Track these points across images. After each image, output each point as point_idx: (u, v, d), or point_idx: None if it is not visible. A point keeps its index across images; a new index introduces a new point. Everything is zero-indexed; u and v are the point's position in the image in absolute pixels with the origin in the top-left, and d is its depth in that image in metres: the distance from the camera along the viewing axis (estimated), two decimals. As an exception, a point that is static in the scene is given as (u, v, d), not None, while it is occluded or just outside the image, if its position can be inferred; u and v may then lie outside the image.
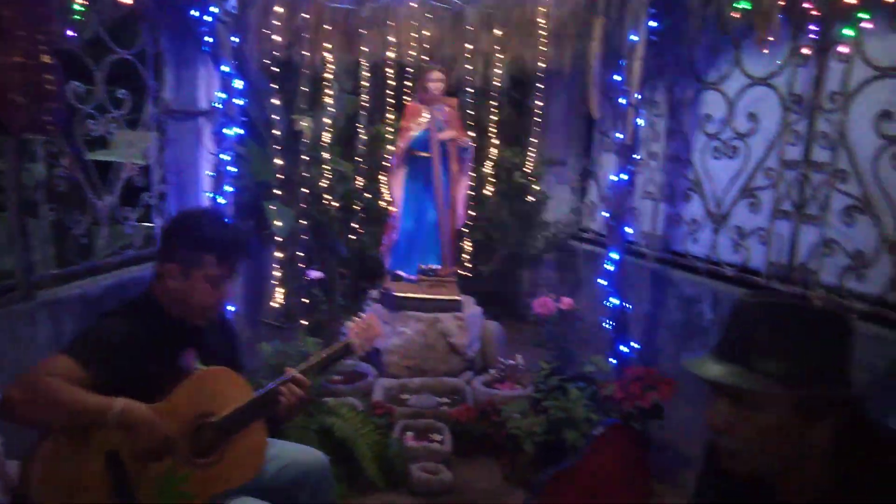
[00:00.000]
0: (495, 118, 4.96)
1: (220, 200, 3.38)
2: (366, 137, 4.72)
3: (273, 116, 4.10)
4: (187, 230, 1.73)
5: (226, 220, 1.89)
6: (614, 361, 3.80)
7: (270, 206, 4.02)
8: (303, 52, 4.01)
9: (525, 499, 2.30)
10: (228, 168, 3.39)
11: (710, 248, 4.03)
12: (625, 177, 3.64)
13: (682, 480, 3.06)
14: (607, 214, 3.96)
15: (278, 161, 4.03)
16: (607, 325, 3.97)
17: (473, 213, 4.70)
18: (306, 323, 4.03)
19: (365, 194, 4.64)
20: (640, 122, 3.77)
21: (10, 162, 2.67)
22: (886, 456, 1.02)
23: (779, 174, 3.53)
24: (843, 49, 3.14)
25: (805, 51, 3.34)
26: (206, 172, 3.62)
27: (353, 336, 1.96)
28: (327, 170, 4.38)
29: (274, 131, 4.11)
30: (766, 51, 3.45)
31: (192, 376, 1.64)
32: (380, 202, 4.46)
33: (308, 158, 4.28)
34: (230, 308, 3.32)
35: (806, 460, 1.04)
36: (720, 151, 3.96)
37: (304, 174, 4.26)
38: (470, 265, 4.59)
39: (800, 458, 1.04)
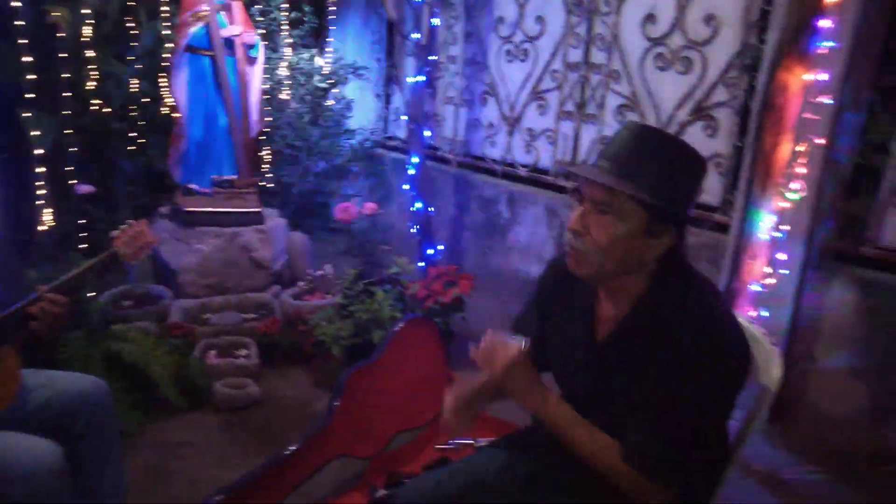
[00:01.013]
0: (285, 16, 4.60)
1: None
2: (137, 33, 4.15)
3: (14, 3, 3.42)
4: None
5: None
6: (422, 263, 3.92)
7: (25, 114, 3.45)
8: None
9: (329, 399, 2.31)
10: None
11: (505, 151, 4.22)
12: (422, 78, 3.62)
13: (483, 366, 3.29)
14: (407, 118, 3.96)
15: (27, 58, 3.41)
16: (413, 230, 4.06)
17: (270, 119, 4.43)
18: (78, 244, 3.60)
19: (144, 99, 4.14)
20: (436, 21, 3.74)
21: None
22: (686, 282, 1.22)
23: (563, 76, 3.74)
24: (615, -47, 3.32)
25: (584, -47, 3.49)
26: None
27: (119, 245, 1.78)
28: (94, 71, 3.82)
29: (17, 22, 3.44)
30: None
31: None
32: (162, 108, 4.01)
33: (68, 57, 3.68)
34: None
35: (634, 274, 1.22)
36: (513, 55, 4.09)
37: (64, 75, 3.67)
38: (272, 175, 4.36)
39: (631, 270, 1.21)
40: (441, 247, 4.06)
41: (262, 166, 4.23)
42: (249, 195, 3.72)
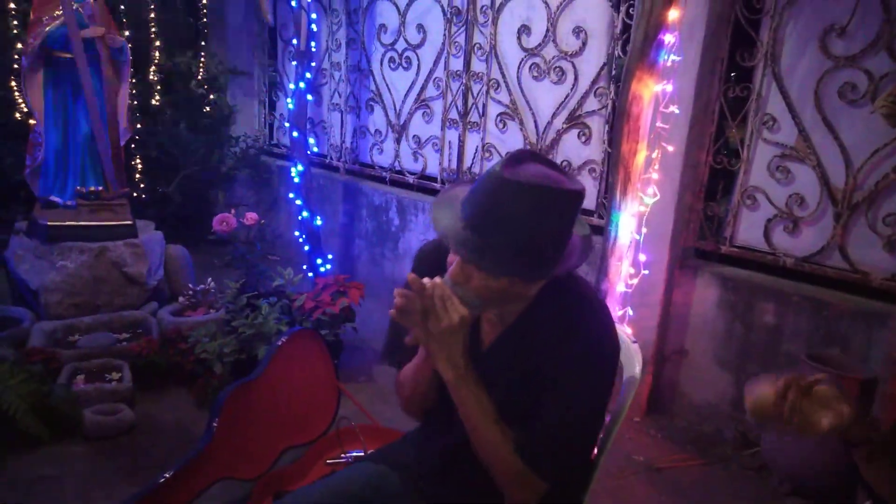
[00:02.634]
0: (154, 15, 4.35)
1: None
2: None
3: None
4: None
5: None
6: (311, 274, 3.83)
7: None
8: None
9: (208, 420, 2.20)
10: None
11: (393, 158, 4.23)
12: (302, 85, 3.55)
13: (376, 375, 3.27)
14: (290, 125, 3.87)
15: None
16: (301, 239, 3.96)
17: (140, 126, 4.18)
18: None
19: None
20: (314, 27, 3.67)
21: None
22: (570, 290, 1.23)
23: (446, 84, 3.80)
24: (490, -36, 3.41)
25: (461, -36, 3.56)
26: None
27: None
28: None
29: None
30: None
31: None
32: (16, 114, 3.67)
33: None
34: None
35: (519, 301, 1.21)
36: (396, 62, 4.10)
37: None
38: (144, 185, 4.10)
39: (515, 301, 1.20)
40: (331, 256, 3.99)
41: (135, 176, 3.98)
42: (119, 207, 3.48)
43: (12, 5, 3.45)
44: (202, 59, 4.70)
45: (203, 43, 4.74)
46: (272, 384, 2.37)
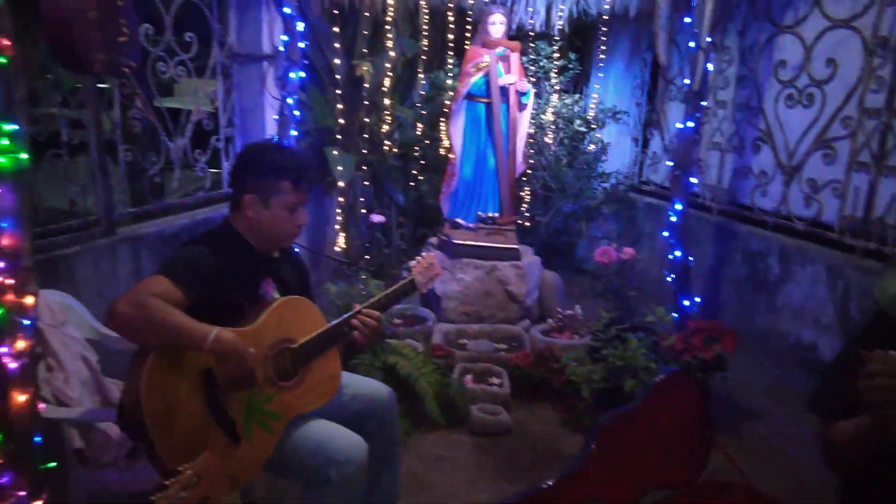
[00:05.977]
0: (556, 64, 4.83)
1: (285, 145, 3.44)
2: (424, 82, 4.68)
3: (335, 61, 4.09)
4: (261, 160, 1.77)
5: (291, 148, 1.96)
6: (675, 314, 3.76)
7: (333, 152, 4.07)
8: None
9: (583, 441, 2.31)
10: (293, 112, 3.43)
11: (779, 202, 3.90)
12: (691, 124, 3.51)
13: (744, 432, 3.05)
14: (672, 164, 3.86)
15: (339, 106, 4.04)
16: (669, 278, 3.91)
17: (532, 161, 4.64)
18: (368, 266, 4.10)
19: (424, 141, 4.63)
20: (710, 67, 3.61)
21: (91, 106, 2.78)
22: None
23: (858, 123, 3.37)
24: (940, -14, 2.94)
25: (897, -11, 3.14)
26: (272, 116, 3.68)
27: (416, 273, 2.01)
28: (387, 116, 4.38)
29: (335, 76, 4.11)
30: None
31: (276, 304, 1.70)
32: (440, 150, 4.44)
33: (368, 104, 4.27)
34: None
35: None
36: (794, 99, 3.79)
37: (364, 120, 4.26)
38: (528, 214, 4.55)
39: None
40: (698, 299, 3.86)
41: (521, 206, 4.44)
42: (509, 232, 3.92)
43: (450, 63, 4.22)
44: (590, 100, 5.02)
45: (597, 86, 5.07)
46: (647, 420, 2.38)
